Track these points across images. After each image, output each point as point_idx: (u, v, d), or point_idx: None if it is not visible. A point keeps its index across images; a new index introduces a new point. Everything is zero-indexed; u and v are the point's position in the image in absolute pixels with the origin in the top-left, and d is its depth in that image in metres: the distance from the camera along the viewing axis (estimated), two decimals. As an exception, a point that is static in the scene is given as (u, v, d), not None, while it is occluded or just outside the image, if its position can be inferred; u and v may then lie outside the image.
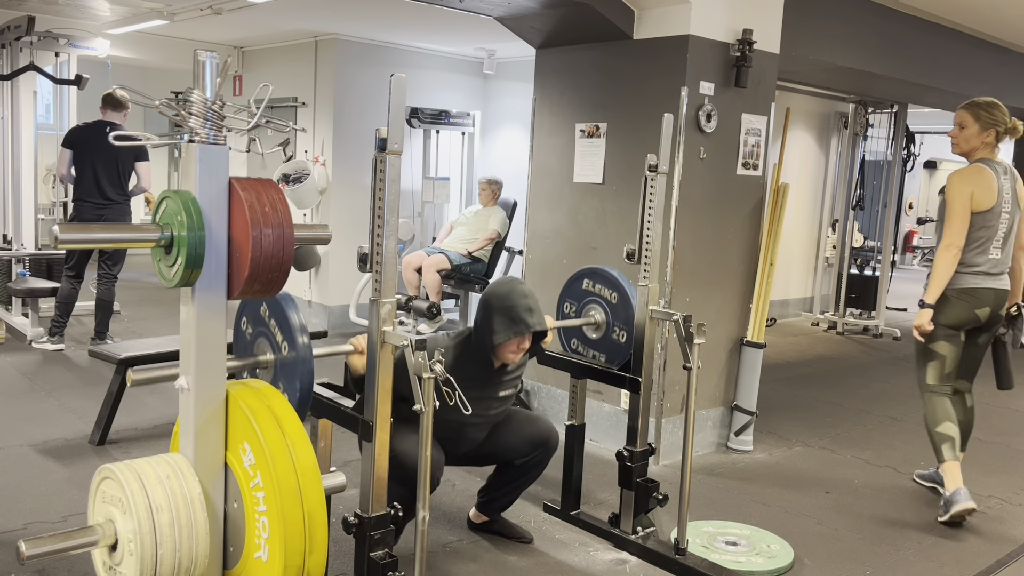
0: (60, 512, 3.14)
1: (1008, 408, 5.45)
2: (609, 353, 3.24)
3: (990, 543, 3.33)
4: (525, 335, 2.74)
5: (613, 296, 3.20)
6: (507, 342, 2.72)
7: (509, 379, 2.90)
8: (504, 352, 2.76)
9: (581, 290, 3.32)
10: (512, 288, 2.77)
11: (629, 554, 3.07)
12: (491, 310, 2.73)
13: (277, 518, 1.57)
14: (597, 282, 3.27)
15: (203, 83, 1.62)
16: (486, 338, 2.74)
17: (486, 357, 2.78)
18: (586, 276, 3.31)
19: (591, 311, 3.29)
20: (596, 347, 3.30)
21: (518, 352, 2.78)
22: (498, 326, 2.71)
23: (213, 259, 1.61)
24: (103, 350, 4.05)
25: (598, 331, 3.27)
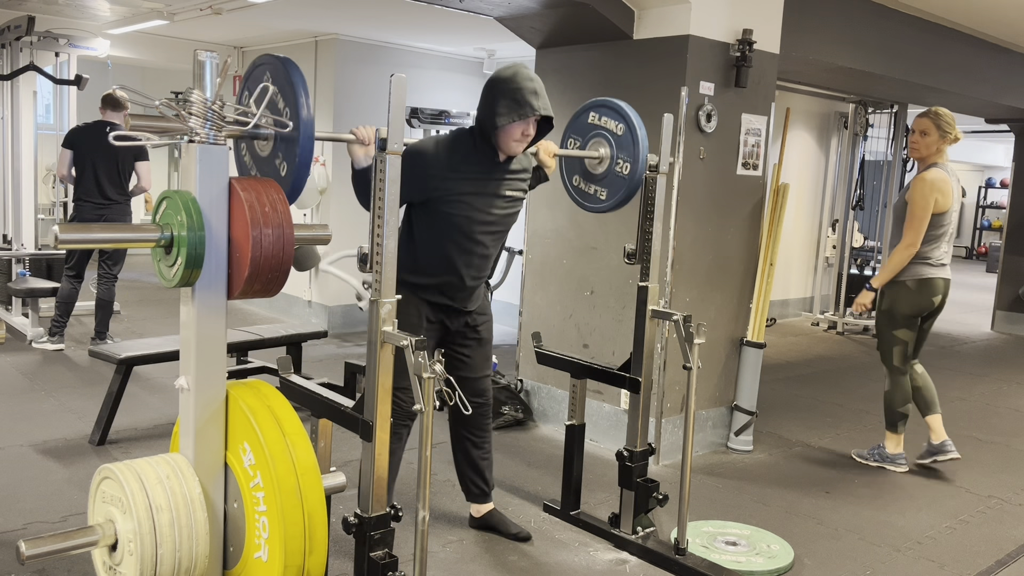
0: (60, 512, 3.14)
1: (1008, 408, 5.45)
2: (610, 188, 3.07)
3: (990, 543, 3.33)
4: (530, 118, 2.63)
5: (619, 128, 3.02)
6: (511, 125, 2.61)
7: (513, 178, 2.80)
8: (508, 139, 2.64)
9: (587, 124, 3.12)
10: (517, 71, 2.66)
11: (629, 554, 3.07)
12: (495, 92, 2.62)
13: (277, 518, 1.57)
14: (603, 115, 3.07)
15: (203, 83, 1.62)
16: (489, 121, 2.62)
17: (489, 147, 2.68)
18: (592, 109, 3.11)
19: (596, 145, 3.10)
20: (598, 182, 3.12)
21: (522, 140, 2.66)
22: (502, 108, 2.59)
23: (213, 259, 1.61)
24: (103, 350, 4.05)
25: (601, 165, 3.08)
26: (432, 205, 2.74)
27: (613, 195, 3.06)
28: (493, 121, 2.63)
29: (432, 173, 2.68)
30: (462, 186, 2.71)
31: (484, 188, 2.75)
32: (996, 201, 17.25)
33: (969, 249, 17.81)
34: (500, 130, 2.64)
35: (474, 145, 2.73)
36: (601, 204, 3.10)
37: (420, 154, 2.69)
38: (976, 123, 9.10)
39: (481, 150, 2.72)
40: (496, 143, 2.69)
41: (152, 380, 4.71)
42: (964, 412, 5.29)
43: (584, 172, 3.16)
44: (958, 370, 6.53)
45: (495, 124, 2.62)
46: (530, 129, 2.68)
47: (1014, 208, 8.41)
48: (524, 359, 4.64)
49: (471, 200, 2.73)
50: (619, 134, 3.02)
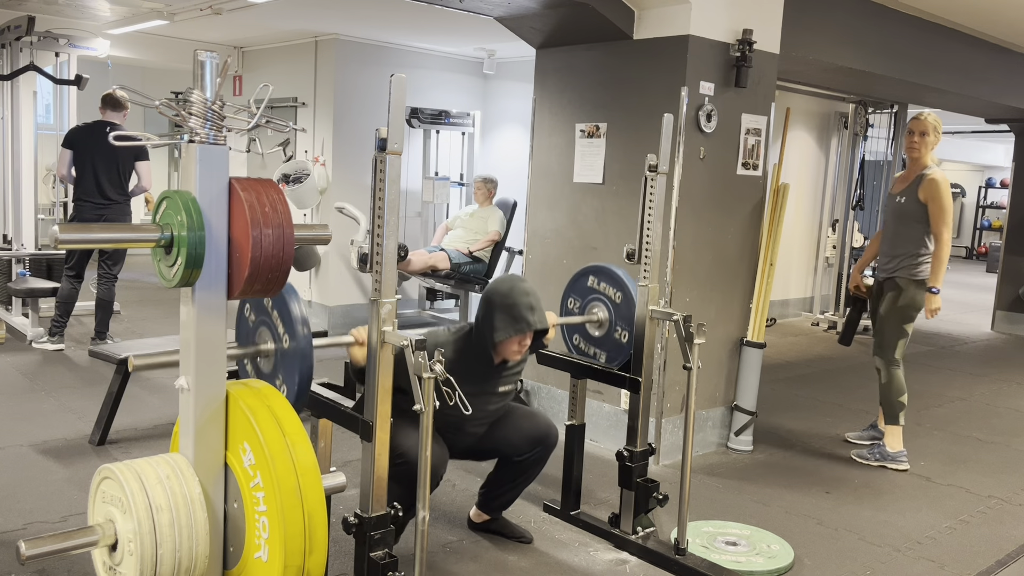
0: (60, 512, 3.14)
1: (1008, 408, 5.45)
2: (611, 352, 3.24)
3: (990, 543, 3.32)
4: (526, 333, 2.74)
5: (617, 296, 3.19)
6: (508, 340, 2.73)
7: (509, 375, 2.90)
8: (505, 350, 2.76)
9: (586, 287, 3.32)
10: (514, 286, 2.77)
11: (629, 554, 3.07)
12: (493, 307, 2.74)
13: (277, 518, 1.57)
14: (602, 280, 3.26)
15: (203, 83, 1.62)
16: (487, 335, 2.74)
17: (487, 353, 2.79)
18: (591, 274, 3.30)
19: (594, 309, 3.28)
20: (598, 345, 3.30)
21: (519, 350, 2.79)
22: (499, 323, 2.71)
23: (213, 259, 1.61)
24: (103, 350, 4.05)
25: (600, 329, 3.27)
26: None
27: (613, 359, 3.24)
28: (492, 337, 2.74)
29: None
30: (462, 382, 2.67)
31: (482, 388, 2.81)
32: (996, 201, 17.26)
33: (969, 249, 17.82)
34: (499, 344, 2.75)
35: (474, 348, 2.80)
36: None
37: (431, 345, 2.71)
38: (976, 123, 9.11)
39: (478, 354, 2.79)
40: (494, 352, 2.78)
41: (152, 380, 4.72)
42: (964, 412, 5.29)
43: (585, 334, 3.33)
44: (958, 370, 6.53)
45: (493, 340, 2.74)
46: (526, 340, 2.79)
47: (1014, 208, 8.41)
48: (529, 359, 4.63)
49: (469, 399, 2.73)
50: (617, 302, 3.19)
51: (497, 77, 7.74)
